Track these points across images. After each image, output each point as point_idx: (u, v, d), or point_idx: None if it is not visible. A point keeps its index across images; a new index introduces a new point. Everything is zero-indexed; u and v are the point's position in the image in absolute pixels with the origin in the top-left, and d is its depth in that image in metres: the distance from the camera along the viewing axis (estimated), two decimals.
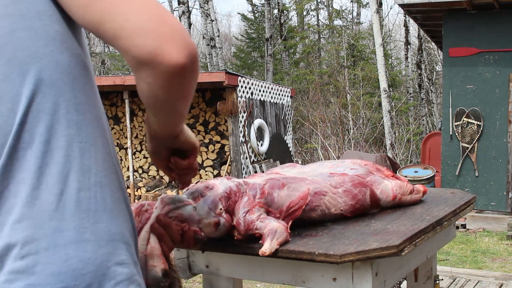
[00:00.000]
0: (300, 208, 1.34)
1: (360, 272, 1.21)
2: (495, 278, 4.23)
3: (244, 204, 1.26)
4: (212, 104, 9.09)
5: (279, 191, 1.33)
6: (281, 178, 1.37)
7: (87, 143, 0.85)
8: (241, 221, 1.25)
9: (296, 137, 15.39)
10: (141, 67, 0.81)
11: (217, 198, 1.24)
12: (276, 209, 1.31)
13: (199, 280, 4.64)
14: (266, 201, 1.30)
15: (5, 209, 0.80)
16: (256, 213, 1.26)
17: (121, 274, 0.83)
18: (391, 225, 1.38)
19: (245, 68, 22.51)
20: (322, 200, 1.39)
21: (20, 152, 0.80)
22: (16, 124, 0.80)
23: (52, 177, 0.80)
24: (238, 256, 1.33)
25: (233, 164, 8.42)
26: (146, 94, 0.85)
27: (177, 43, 0.80)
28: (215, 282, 1.56)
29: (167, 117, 0.93)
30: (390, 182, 1.54)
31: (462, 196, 1.76)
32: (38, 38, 0.83)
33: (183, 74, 0.81)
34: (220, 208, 1.23)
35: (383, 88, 13.18)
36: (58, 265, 0.78)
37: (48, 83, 0.82)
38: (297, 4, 20.96)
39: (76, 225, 0.80)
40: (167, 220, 1.17)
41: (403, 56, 19.83)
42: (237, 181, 1.31)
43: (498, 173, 7.06)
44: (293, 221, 1.33)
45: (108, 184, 0.86)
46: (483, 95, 7.08)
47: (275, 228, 1.23)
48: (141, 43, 0.78)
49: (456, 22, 7.17)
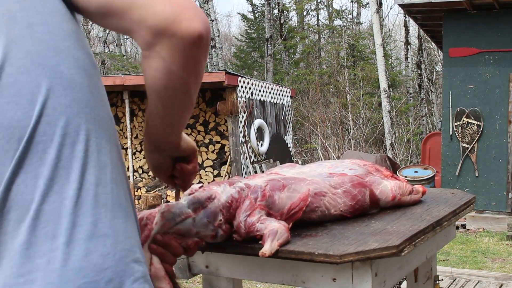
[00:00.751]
0: (300, 210, 1.34)
1: (360, 273, 1.21)
2: (495, 278, 4.22)
3: (246, 208, 1.26)
4: (212, 104, 9.09)
5: (279, 193, 1.32)
6: (281, 179, 1.37)
7: (103, 139, 0.84)
8: (242, 224, 1.24)
9: (296, 137, 15.39)
10: (157, 39, 0.79)
11: (217, 210, 1.23)
12: (277, 212, 1.30)
13: (199, 280, 4.64)
14: (267, 204, 1.29)
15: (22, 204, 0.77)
16: (257, 215, 1.26)
17: (138, 272, 0.82)
18: (391, 225, 1.38)
19: (245, 68, 22.51)
20: (322, 201, 1.39)
21: (40, 145, 0.78)
22: (35, 116, 0.78)
23: (72, 171, 0.79)
24: (238, 256, 1.33)
25: (233, 164, 8.42)
26: (159, 74, 0.83)
27: (195, 11, 0.80)
28: (215, 282, 1.56)
29: (178, 104, 0.91)
30: (390, 183, 1.54)
31: (462, 196, 1.76)
32: (55, 33, 0.83)
33: (199, 44, 0.80)
34: (219, 219, 1.23)
35: (383, 88, 13.18)
36: (78, 261, 0.76)
37: (66, 77, 0.82)
38: (297, 4, 20.96)
39: (95, 220, 0.79)
40: (166, 239, 1.15)
41: (403, 56, 19.83)
42: (239, 186, 1.30)
43: (498, 173, 7.06)
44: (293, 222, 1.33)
45: (121, 182, 0.86)
46: (483, 95, 7.08)
47: (276, 228, 1.23)
48: (159, 10, 0.78)
49: (456, 22, 7.17)
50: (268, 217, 1.27)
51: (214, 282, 1.56)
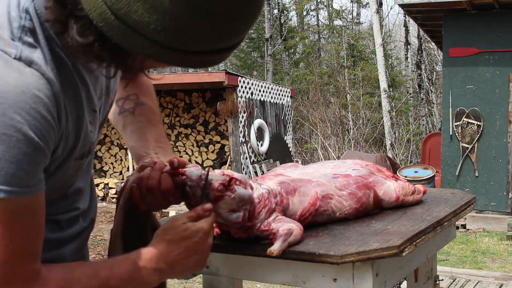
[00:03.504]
0: (310, 214, 1.33)
1: (361, 273, 1.21)
2: (495, 278, 4.22)
3: (269, 211, 1.25)
4: (212, 104, 9.09)
5: (292, 198, 1.31)
6: (290, 182, 1.36)
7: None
8: (259, 224, 1.21)
9: (296, 137, 15.39)
10: None
11: (252, 198, 1.19)
12: (290, 217, 1.30)
13: (199, 280, 4.64)
14: (284, 208, 1.29)
15: None
16: (274, 215, 1.25)
17: None
18: (391, 225, 1.38)
19: (245, 68, 22.52)
20: (329, 204, 1.38)
21: None
22: None
23: None
24: (238, 256, 1.33)
25: (233, 164, 8.42)
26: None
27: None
28: (215, 283, 1.55)
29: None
30: (393, 183, 1.54)
31: (462, 196, 1.76)
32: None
33: None
34: (247, 207, 1.18)
35: (383, 88, 13.18)
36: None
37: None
38: (297, 4, 20.97)
39: None
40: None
41: (403, 56, 19.84)
42: (265, 188, 1.27)
43: (498, 173, 7.06)
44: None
45: None
46: (483, 95, 7.08)
47: (292, 229, 1.21)
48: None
49: (456, 22, 7.16)
50: (283, 217, 1.26)
51: (214, 282, 1.55)
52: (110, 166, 10.25)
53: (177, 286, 4.87)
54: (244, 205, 1.17)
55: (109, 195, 9.52)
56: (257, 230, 1.23)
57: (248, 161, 8.59)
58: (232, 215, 1.16)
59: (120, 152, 10.11)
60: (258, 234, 1.24)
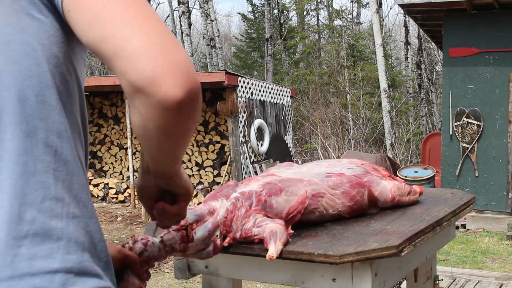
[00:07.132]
0: (299, 213, 1.34)
1: (360, 273, 1.21)
2: (495, 278, 4.22)
3: (241, 216, 1.26)
4: (212, 104, 9.09)
5: (277, 198, 1.32)
6: (277, 182, 1.36)
7: (62, 172, 0.79)
8: (238, 234, 1.25)
9: (296, 137, 15.39)
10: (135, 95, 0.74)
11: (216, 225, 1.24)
12: (276, 216, 1.30)
13: (199, 280, 4.64)
14: (263, 207, 1.29)
15: None
16: (252, 220, 1.26)
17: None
18: (390, 225, 1.38)
19: (245, 68, 22.52)
20: (320, 202, 1.38)
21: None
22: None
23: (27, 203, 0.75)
24: (237, 256, 1.33)
25: (233, 164, 8.42)
26: (137, 124, 0.78)
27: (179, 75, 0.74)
28: (215, 283, 1.55)
29: (157, 155, 0.86)
30: (389, 183, 1.54)
31: (462, 196, 1.76)
32: (32, 55, 0.78)
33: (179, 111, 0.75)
34: (216, 234, 1.24)
35: (383, 88, 13.18)
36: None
37: (32, 104, 0.77)
38: (297, 4, 20.96)
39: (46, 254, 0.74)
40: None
41: (403, 56, 19.83)
42: (234, 197, 1.29)
43: (498, 173, 7.06)
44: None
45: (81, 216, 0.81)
46: (483, 95, 7.08)
47: (275, 229, 1.22)
48: (140, 67, 0.72)
49: (456, 22, 7.16)
50: (263, 218, 1.27)
51: (214, 282, 1.56)
52: (110, 166, 10.25)
53: (177, 286, 4.87)
54: (211, 237, 1.23)
55: (109, 195, 9.53)
56: (240, 238, 1.26)
57: (248, 161, 8.59)
58: (203, 253, 1.23)
59: (120, 152, 10.11)
60: (242, 240, 1.26)
